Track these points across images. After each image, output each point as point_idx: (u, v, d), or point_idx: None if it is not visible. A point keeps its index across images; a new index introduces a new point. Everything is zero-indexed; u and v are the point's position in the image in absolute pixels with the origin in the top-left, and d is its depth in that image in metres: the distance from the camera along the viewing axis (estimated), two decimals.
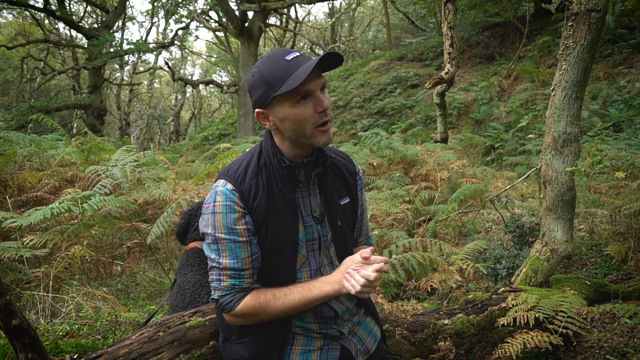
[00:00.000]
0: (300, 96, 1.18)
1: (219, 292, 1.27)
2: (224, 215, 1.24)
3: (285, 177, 1.29)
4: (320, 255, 1.37)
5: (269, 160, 1.30)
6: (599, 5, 2.43)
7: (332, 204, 1.37)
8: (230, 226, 1.24)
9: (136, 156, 4.38)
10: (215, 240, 1.26)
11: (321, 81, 1.21)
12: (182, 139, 24.71)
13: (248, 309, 1.26)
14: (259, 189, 1.27)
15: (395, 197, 4.46)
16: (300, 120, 1.20)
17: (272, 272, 1.31)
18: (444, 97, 6.91)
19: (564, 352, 2.05)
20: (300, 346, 1.34)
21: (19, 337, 1.35)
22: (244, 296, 1.27)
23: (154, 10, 24.69)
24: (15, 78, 23.76)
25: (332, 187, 1.39)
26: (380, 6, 25.39)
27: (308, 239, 1.34)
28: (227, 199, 1.24)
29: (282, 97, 1.18)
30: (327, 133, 1.24)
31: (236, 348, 1.36)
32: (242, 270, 1.26)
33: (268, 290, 1.28)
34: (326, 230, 1.37)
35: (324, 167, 1.34)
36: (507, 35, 13.74)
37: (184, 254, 2.13)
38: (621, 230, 3.41)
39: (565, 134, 2.60)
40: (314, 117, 1.21)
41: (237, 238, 1.25)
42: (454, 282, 2.74)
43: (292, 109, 1.20)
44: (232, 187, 1.26)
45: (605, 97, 8.27)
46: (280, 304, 1.26)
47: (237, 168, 1.30)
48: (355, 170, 1.49)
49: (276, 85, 1.17)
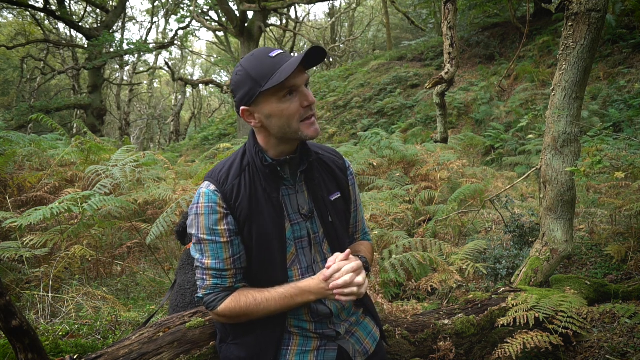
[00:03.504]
0: (287, 91, 1.20)
1: (203, 290, 1.30)
2: (206, 216, 1.26)
3: (269, 176, 1.30)
4: (311, 252, 1.36)
5: (252, 160, 1.31)
6: (599, 5, 2.43)
7: (321, 200, 1.37)
8: (212, 227, 1.26)
9: (136, 156, 4.39)
10: (199, 241, 1.28)
11: (305, 77, 1.23)
12: (182, 139, 24.70)
13: (229, 311, 1.28)
14: (241, 189, 1.28)
15: (395, 197, 4.46)
16: (286, 115, 1.22)
17: (263, 270, 1.32)
18: (444, 97, 6.91)
19: (564, 352, 2.05)
20: (297, 347, 1.34)
21: (19, 337, 1.35)
22: (227, 296, 1.29)
23: (154, 10, 24.70)
24: (15, 78, 23.76)
25: (321, 183, 1.39)
26: (380, 6, 25.39)
27: (296, 237, 1.34)
28: (209, 201, 1.26)
29: (269, 93, 1.20)
30: (313, 126, 1.25)
31: (232, 349, 1.36)
32: (224, 271, 1.28)
33: (250, 293, 1.29)
34: (317, 227, 1.37)
35: (309, 163, 1.35)
36: (507, 35, 13.74)
37: (184, 253, 2.13)
38: (621, 230, 3.41)
39: (565, 134, 2.60)
40: (300, 111, 1.23)
41: (218, 239, 1.26)
42: (454, 282, 2.74)
43: (279, 104, 1.21)
44: (214, 188, 1.27)
45: (605, 97, 8.27)
46: (261, 309, 1.27)
47: (221, 169, 1.32)
48: (346, 165, 1.49)
49: (262, 81, 1.18)
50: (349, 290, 1.21)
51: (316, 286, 1.26)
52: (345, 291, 1.21)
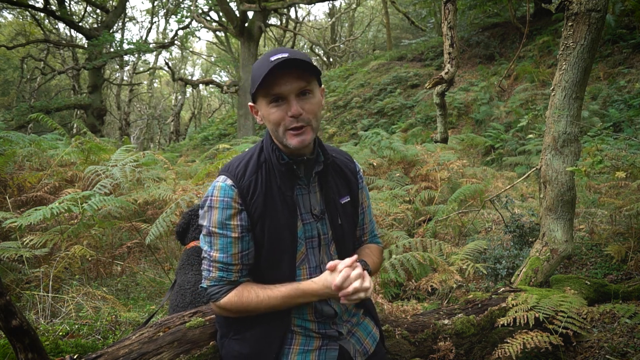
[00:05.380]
0: (272, 98, 1.23)
1: (208, 282, 1.31)
2: (220, 210, 1.27)
3: (284, 174, 1.31)
4: (320, 252, 1.37)
5: (268, 157, 1.32)
6: (599, 5, 2.43)
7: (332, 202, 1.38)
8: (224, 222, 1.27)
9: (136, 156, 4.38)
10: (209, 233, 1.29)
11: (297, 85, 1.21)
12: (182, 139, 24.70)
13: (231, 305, 1.29)
14: (258, 186, 1.29)
15: (395, 197, 4.46)
16: (271, 121, 1.25)
17: (270, 268, 1.32)
18: (444, 97, 6.91)
19: (564, 352, 2.05)
20: (299, 346, 1.34)
21: (19, 337, 1.35)
22: (230, 289, 1.30)
23: (154, 10, 24.69)
24: (15, 78, 23.76)
25: (333, 185, 1.41)
26: (380, 6, 25.38)
27: (307, 237, 1.35)
28: (225, 195, 1.27)
29: (260, 95, 1.25)
30: (298, 137, 1.24)
31: (234, 345, 1.36)
32: (231, 265, 1.29)
33: (253, 289, 1.29)
34: (326, 228, 1.38)
35: (325, 165, 1.36)
36: (507, 35, 13.74)
37: (184, 253, 2.13)
38: (621, 230, 3.40)
39: (565, 134, 2.60)
40: (285, 120, 1.23)
41: (229, 234, 1.27)
42: (454, 282, 2.74)
43: (267, 108, 1.25)
44: (231, 183, 1.28)
45: (605, 97, 8.26)
46: (263, 305, 1.28)
47: (238, 164, 1.32)
48: (357, 169, 1.51)
49: (255, 83, 1.22)
50: (356, 296, 1.21)
51: (320, 289, 1.26)
52: (353, 297, 1.21)
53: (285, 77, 1.19)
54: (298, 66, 1.20)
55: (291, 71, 1.20)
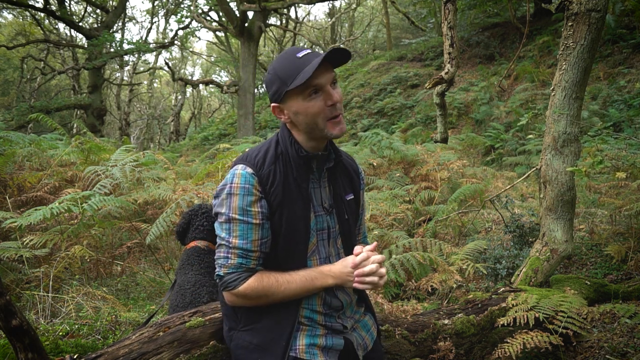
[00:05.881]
0: (311, 90, 1.25)
1: (225, 269, 1.31)
2: (241, 197, 1.29)
3: (301, 167, 1.36)
4: (328, 245, 1.42)
5: (285, 150, 1.36)
6: (599, 5, 2.43)
7: (340, 197, 1.44)
8: (246, 208, 1.29)
9: (136, 156, 4.38)
10: (228, 220, 1.30)
11: (331, 76, 1.27)
12: (182, 139, 24.70)
13: (251, 291, 1.30)
14: (277, 175, 1.32)
15: (395, 197, 4.46)
16: (312, 114, 1.27)
17: (285, 258, 1.36)
18: (444, 97, 6.91)
19: (564, 352, 2.05)
20: (306, 332, 1.39)
21: (19, 337, 1.35)
22: (249, 276, 1.31)
23: (154, 10, 24.68)
24: (15, 78, 23.76)
25: (340, 182, 1.47)
26: (380, 6, 25.38)
27: (318, 228, 1.40)
28: (245, 182, 1.29)
29: (295, 91, 1.26)
30: (339, 125, 1.30)
31: (244, 335, 1.38)
32: (251, 252, 1.31)
33: (272, 275, 1.32)
34: (334, 222, 1.43)
35: (336, 162, 1.42)
36: (507, 35, 13.74)
37: (184, 253, 2.13)
38: (621, 230, 3.40)
39: (565, 134, 2.60)
40: (325, 110, 1.27)
41: (250, 220, 1.29)
42: (454, 282, 2.74)
43: (304, 102, 1.27)
44: (251, 171, 1.30)
45: (605, 97, 8.26)
46: (282, 290, 1.31)
47: (256, 155, 1.35)
48: (359, 170, 1.58)
49: (288, 80, 1.24)
50: (370, 279, 1.29)
51: (338, 271, 1.33)
52: (366, 280, 1.29)
53: (320, 68, 1.23)
54: (341, 56, 1.26)
55: (325, 62, 1.25)
